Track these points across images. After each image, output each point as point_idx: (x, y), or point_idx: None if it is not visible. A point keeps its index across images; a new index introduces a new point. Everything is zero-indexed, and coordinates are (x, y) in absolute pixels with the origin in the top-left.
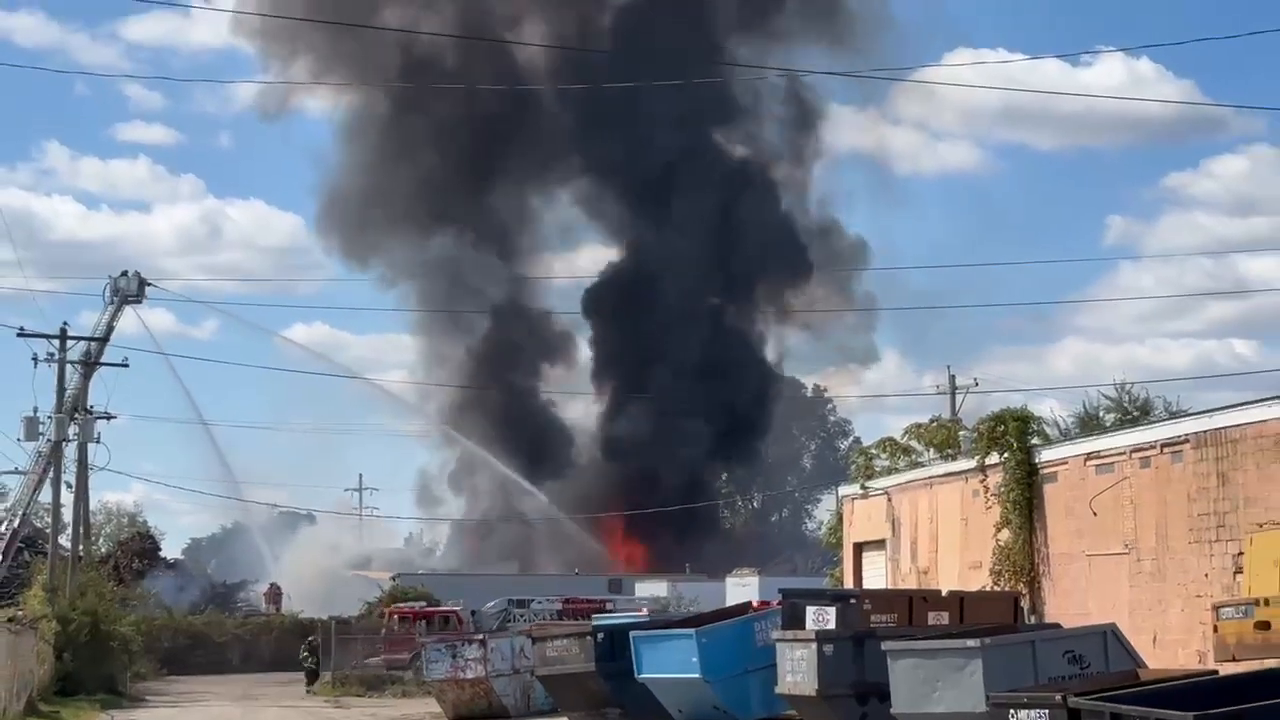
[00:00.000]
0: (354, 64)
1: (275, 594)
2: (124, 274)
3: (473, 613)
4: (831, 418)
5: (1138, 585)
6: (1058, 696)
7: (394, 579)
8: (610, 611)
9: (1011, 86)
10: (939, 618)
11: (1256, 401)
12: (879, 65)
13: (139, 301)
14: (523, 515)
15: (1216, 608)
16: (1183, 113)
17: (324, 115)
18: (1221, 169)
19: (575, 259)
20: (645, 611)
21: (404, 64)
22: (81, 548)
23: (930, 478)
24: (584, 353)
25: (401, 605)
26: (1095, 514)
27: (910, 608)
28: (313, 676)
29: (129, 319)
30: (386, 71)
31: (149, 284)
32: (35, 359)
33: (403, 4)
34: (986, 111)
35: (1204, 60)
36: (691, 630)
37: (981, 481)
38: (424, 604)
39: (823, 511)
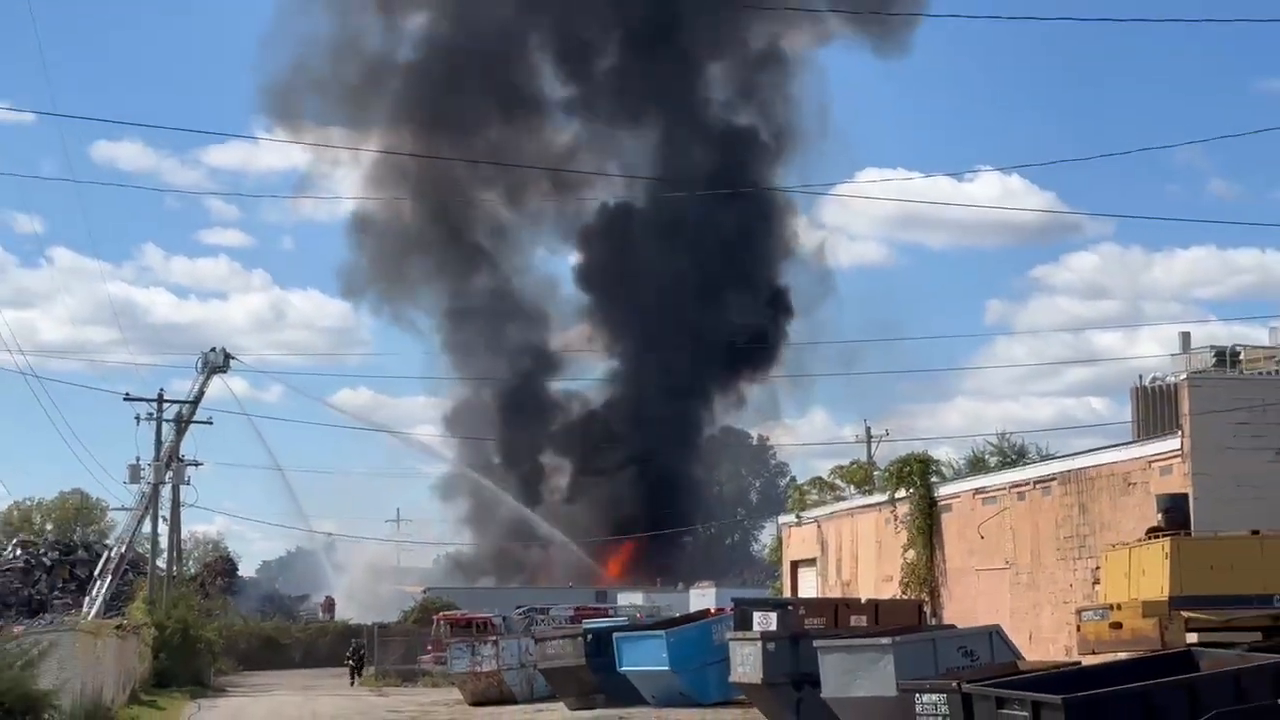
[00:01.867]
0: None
1: (329, 604)
2: (213, 349)
3: (504, 618)
4: (773, 461)
5: (1016, 594)
6: (953, 683)
7: (424, 592)
8: (611, 618)
9: (910, 199)
10: (859, 620)
11: (1108, 447)
12: (810, 181)
13: (225, 371)
14: (528, 542)
15: (1079, 612)
16: (1046, 218)
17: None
18: (1077, 263)
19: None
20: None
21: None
22: (174, 569)
23: (851, 509)
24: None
25: (449, 613)
26: (982, 537)
27: (836, 613)
28: (355, 674)
29: (214, 385)
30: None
31: (232, 357)
32: (138, 418)
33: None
34: (891, 217)
35: (1063, 176)
36: (662, 632)
37: (892, 511)
38: (464, 612)
39: (766, 536)
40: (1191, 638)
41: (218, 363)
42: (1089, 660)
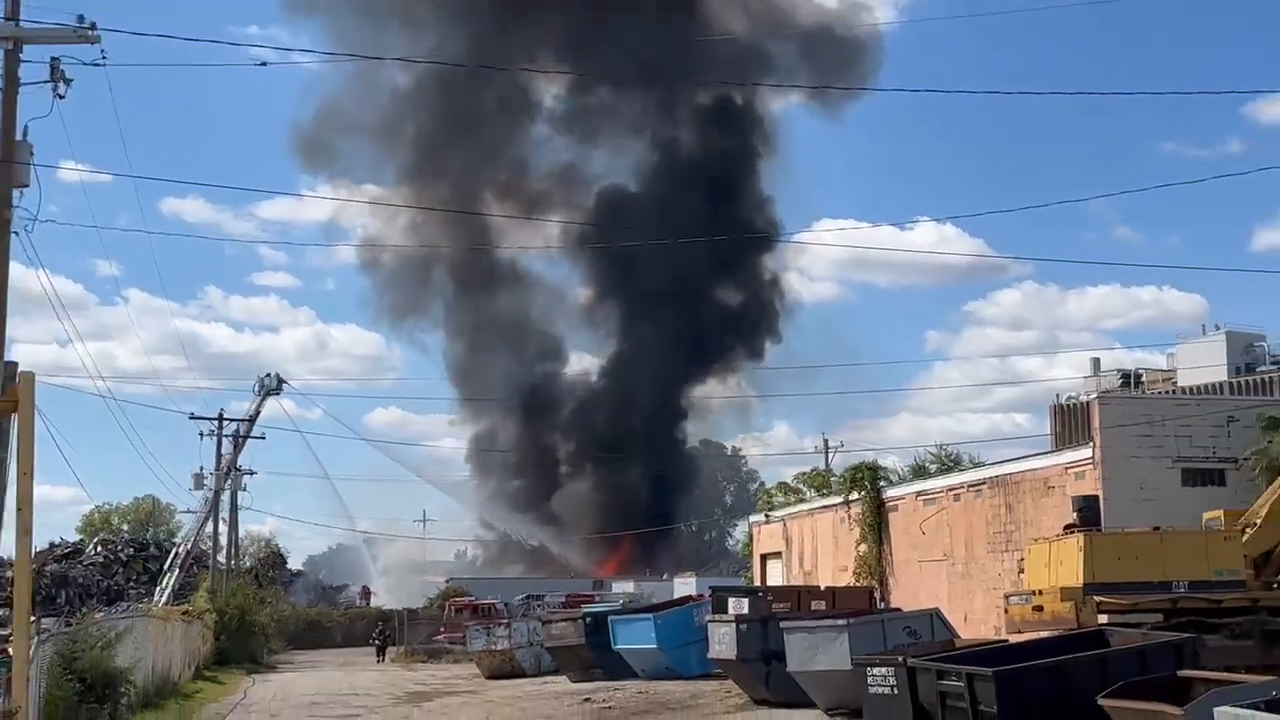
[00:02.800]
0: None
1: (365, 593)
2: (267, 375)
3: (505, 604)
4: (744, 468)
5: (953, 582)
6: (900, 658)
7: (447, 581)
8: (596, 604)
9: (860, 245)
10: (818, 605)
11: (1030, 456)
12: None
13: (277, 393)
14: (535, 540)
15: (1007, 597)
16: (976, 261)
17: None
18: (1002, 299)
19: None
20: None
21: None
22: (232, 563)
23: (811, 509)
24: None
25: (458, 599)
26: (924, 533)
27: (799, 599)
28: (380, 652)
29: (268, 406)
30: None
31: (284, 382)
32: (201, 434)
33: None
34: (843, 260)
35: (990, 225)
36: (651, 615)
37: (847, 512)
38: (474, 598)
39: (739, 533)
40: (1102, 619)
41: (271, 386)
42: (1015, 638)
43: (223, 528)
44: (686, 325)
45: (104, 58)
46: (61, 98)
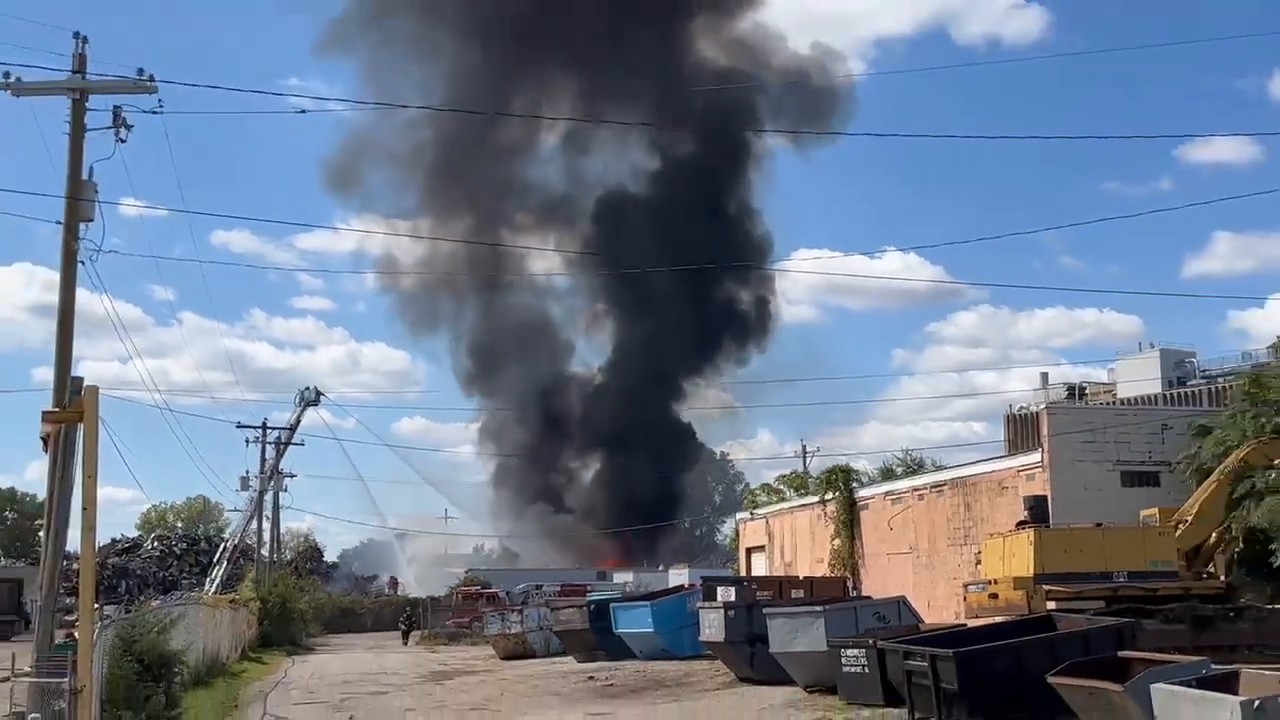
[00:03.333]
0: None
1: (393, 583)
2: (307, 388)
3: (508, 592)
4: (731, 470)
5: (918, 572)
6: (870, 641)
7: (466, 572)
8: (590, 593)
9: (834, 272)
10: (798, 593)
11: (986, 460)
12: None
13: (316, 405)
14: (546, 534)
15: (965, 585)
16: (937, 286)
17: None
18: (961, 320)
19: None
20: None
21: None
22: (274, 556)
23: (791, 508)
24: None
25: (465, 588)
26: (891, 529)
27: (780, 588)
28: (406, 636)
29: (307, 416)
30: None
31: (321, 394)
32: (247, 441)
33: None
34: (819, 286)
35: (950, 254)
36: (648, 602)
37: (823, 510)
38: (480, 587)
39: (727, 528)
40: (1051, 605)
41: (310, 398)
42: (973, 623)
43: (266, 524)
44: (686, 322)
45: (161, 105)
46: (123, 141)
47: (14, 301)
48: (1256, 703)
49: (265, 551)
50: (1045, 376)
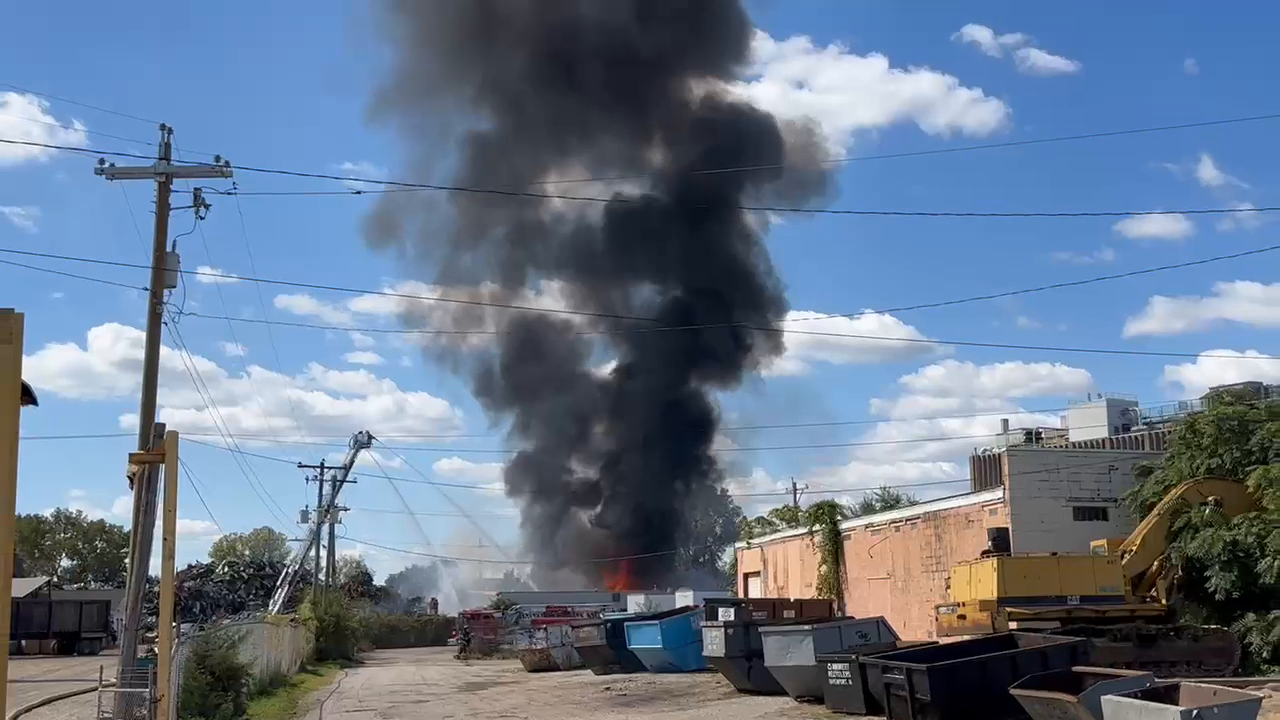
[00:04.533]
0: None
1: (433, 604)
2: (360, 433)
3: (502, 614)
4: (730, 505)
5: (895, 595)
6: (853, 656)
7: (496, 595)
8: (575, 615)
9: (820, 331)
10: (789, 613)
11: (954, 496)
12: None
13: (368, 447)
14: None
15: (937, 608)
16: (910, 344)
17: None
18: (930, 373)
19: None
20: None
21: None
22: (330, 580)
23: (783, 538)
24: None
25: (469, 610)
26: (871, 557)
27: (774, 609)
28: (463, 648)
29: (360, 457)
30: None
31: (373, 438)
32: (306, 479)
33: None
34: (805, 343)
35: (921, 315)
36: (658, 621)
37: (810, 540)
38: (480, 609)
39: (727, 556)
40: (1012, 625)
41: (363, 441)
42: (944, 641)
43: (322, 552)
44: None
45: (234, 188)
46: (201, 219)
47: (104, 357)
48: (1194, 712)
49: (322, 576)
50: (1005, 423)
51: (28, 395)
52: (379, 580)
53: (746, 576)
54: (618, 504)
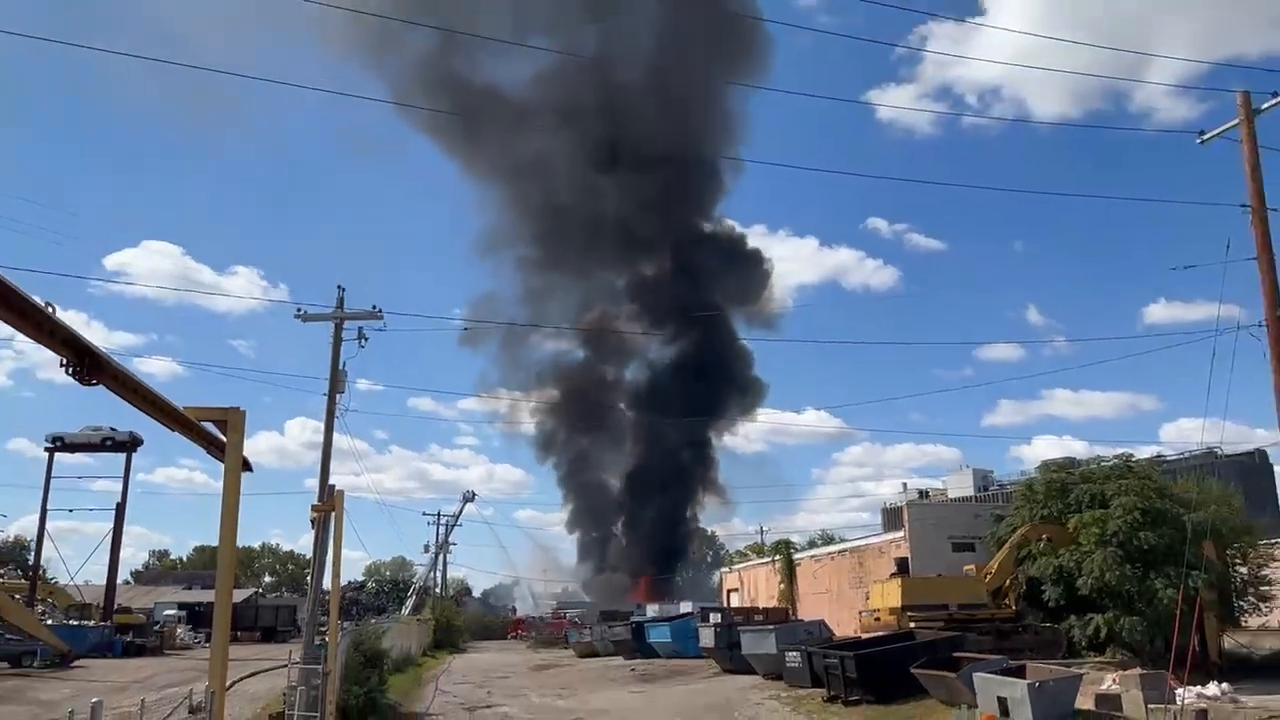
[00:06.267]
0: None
1: (514, 609)
2: (467, 491)
3: (541, 618)
4: (716, 542)
5: (831, 605)
6: (803, 646)
7: (557, 604)
8: (564, 621)
9: (776, 422)
10: (758, 618)
11: (870, 536)
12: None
13: (472, 501)
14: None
15: (860, 613)
16: (838, 431)
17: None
18: (853, 450)
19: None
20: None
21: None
22: (443, 592)
23: (754, 565)
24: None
25: (516, 614)
26: (815, 578)
27: (748, 614)
28: (532, 641)
29: (466, 509)
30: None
31: (474, 495)
32: (428, 523)
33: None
34: (766, 431)
35: (846, 411)
36: (668, 622)
37: (773, 566)
38: (526, 614)
39: (715, 578)
40: (911, 625)
41: (468, 497)
42: (865, 635)
43: (438, 573)
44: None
45: (384, 326)
46: (362, 347)
47: (295, 439)
48: (1036, 684)
49: (438, 590)
50: (905, 485)
51: (246, 465)
52: (476, 593)
53: (729, 592)
54: (639, 541)
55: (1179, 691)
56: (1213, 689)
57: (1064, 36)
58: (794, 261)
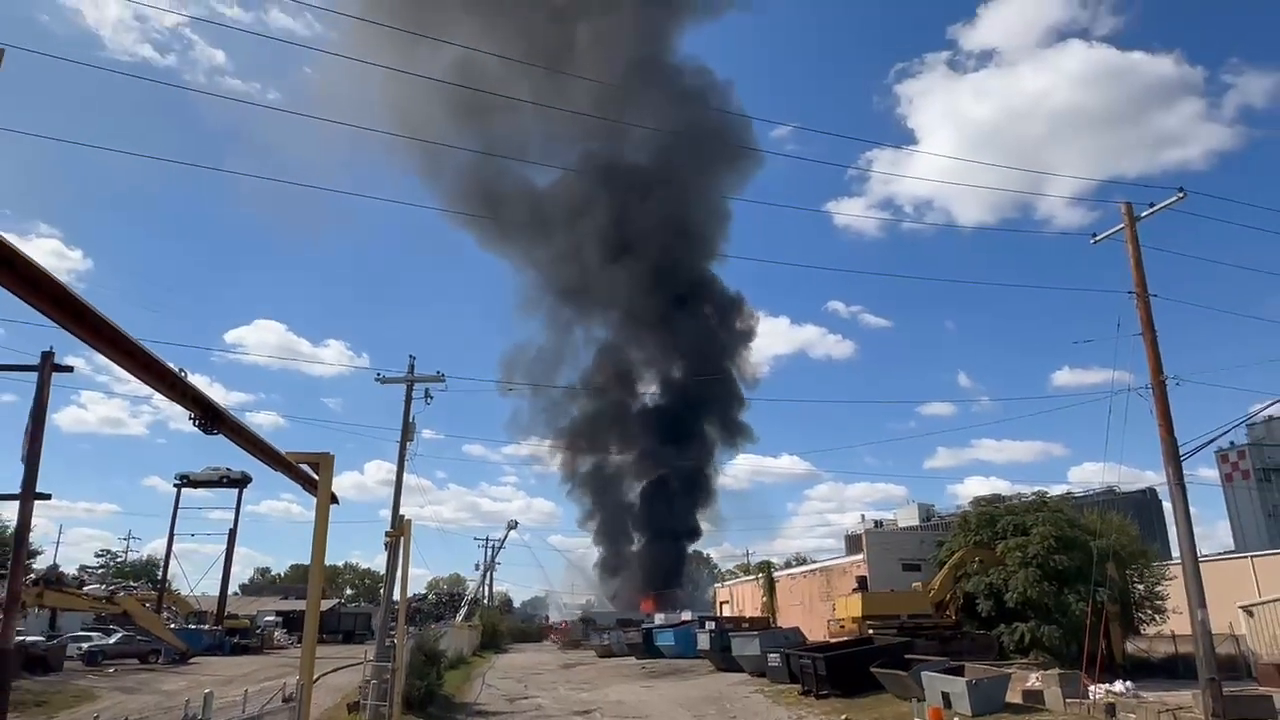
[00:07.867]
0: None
1: (547, 618)
2: (511, 520)
3: (566, 623)
4: (711, 563)
5: (806, 614)
6: (783, 649)
7: (582, 612)
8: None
9: (758, 466)
10: (745, 625)
11: (836, 559)
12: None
13: (515, 528)
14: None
15: (829, 621)
16: (808, 472)
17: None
18: (820, 488)
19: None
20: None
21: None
22: (489, 602)
23: (741, 582)
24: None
25: (549, 620)
26: (791, 593)
27: (737, 622)
28: (561, 643)
29: (510, 536)
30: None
31: (517, 524)
32: (478, 546)
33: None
34: (745, 471)
35: (817, 457)
36: (672, 628)
37: (758, 583)
38: (551, 621)
39: (710, 593)
40: (871, 632)
41: (512, 525)
42: (833, 640)
43: (485, 587)
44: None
45: (445, 387)
46: (428, 404)
47: (373, 478)
48: (974, 681)
49: (485, 601)
50: (863, 516)
51: (333, 499)
52: (517, 604)
53: (721, 604)
54: (647, 562)
55: (1091, 688)
56: (1119, 686)
57: (982, 159)
58: (770, 336)
